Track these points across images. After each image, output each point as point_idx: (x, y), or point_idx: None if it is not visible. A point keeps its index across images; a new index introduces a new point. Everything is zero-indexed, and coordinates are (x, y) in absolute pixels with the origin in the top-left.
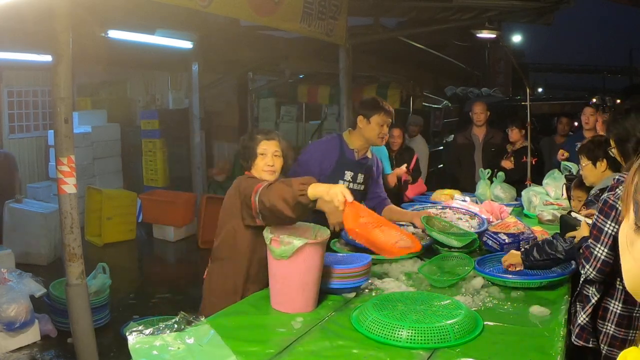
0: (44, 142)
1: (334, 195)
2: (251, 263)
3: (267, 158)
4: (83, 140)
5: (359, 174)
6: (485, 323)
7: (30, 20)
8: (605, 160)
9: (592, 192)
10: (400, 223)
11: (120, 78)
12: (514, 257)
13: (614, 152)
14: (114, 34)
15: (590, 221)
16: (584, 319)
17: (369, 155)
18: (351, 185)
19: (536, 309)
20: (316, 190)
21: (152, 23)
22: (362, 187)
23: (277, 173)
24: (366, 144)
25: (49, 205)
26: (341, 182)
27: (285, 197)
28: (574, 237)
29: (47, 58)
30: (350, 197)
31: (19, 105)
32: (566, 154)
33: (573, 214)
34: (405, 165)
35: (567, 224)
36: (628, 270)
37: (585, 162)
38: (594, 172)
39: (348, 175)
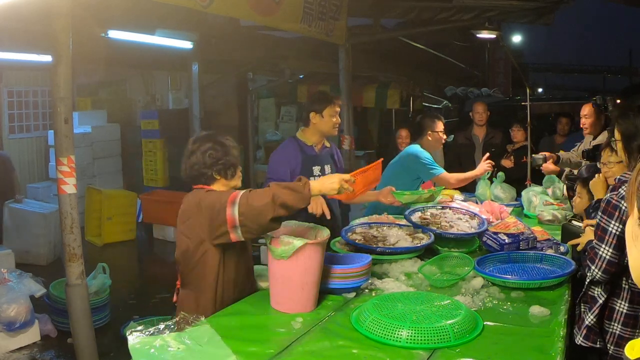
0: (43, 142)
1: (331, 186)
2: (221, 288)
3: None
4: (83, 141)
5: (325, 165)
6: (485, 323)
7: (30, 20)
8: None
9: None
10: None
11: (120, 78)
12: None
13: (618, 145)
14: (113, 34)
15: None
16: (592, 319)
17: (327, 144)
18: None
19: (536, 309)
20: (314, 187)
21: (151, 23)
22: None
23: None
24: (322, 137)
25: (49, 206)
26: (312, 179)
27: (285, 201)
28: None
29: (47, 58)
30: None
31: (19, 105)
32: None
33: (574, 222)
34: None
35: (568, 231)
36: (634, 264)
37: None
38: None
39: (316, 170)
